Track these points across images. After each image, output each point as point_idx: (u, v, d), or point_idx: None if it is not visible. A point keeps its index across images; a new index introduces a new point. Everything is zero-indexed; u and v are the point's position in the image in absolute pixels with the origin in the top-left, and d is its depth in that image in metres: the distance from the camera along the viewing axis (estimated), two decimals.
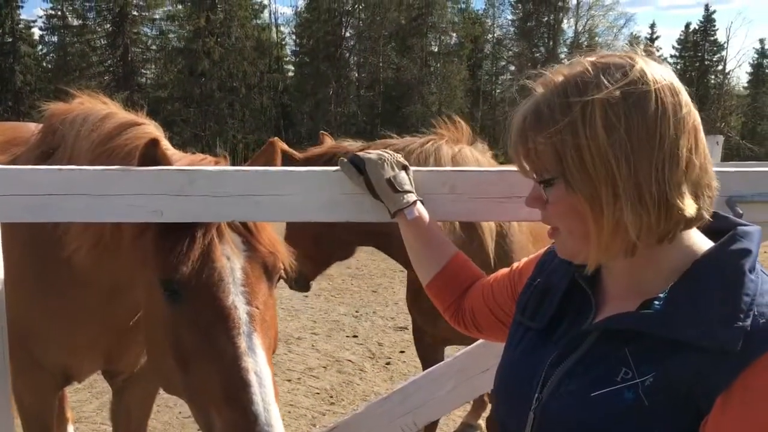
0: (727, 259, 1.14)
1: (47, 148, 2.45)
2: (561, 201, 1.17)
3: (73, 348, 2.74)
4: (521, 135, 1.20)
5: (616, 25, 59.28)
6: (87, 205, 1.71)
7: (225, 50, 49.08)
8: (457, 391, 1.90)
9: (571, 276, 1.34)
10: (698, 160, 1.14)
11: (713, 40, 68.30)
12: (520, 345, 1.35)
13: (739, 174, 1.74)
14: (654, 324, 1.12)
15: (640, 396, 1.08)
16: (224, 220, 1.76)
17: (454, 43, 56.36)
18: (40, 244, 2.42)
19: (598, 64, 1.17)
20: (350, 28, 54.87)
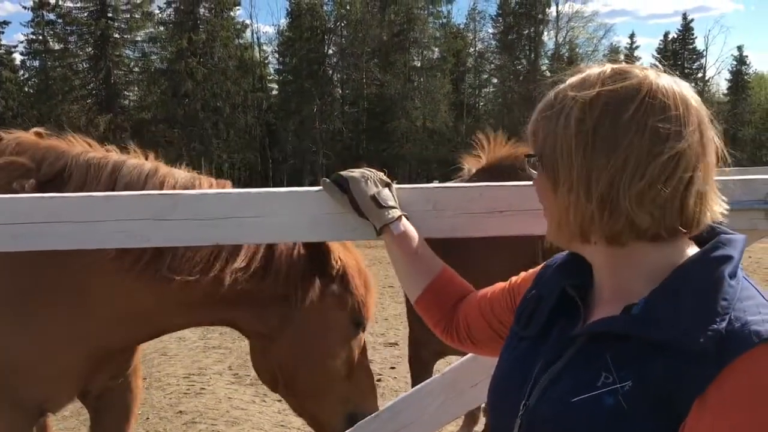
0: (708, 265, 1.16)
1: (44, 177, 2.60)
2: (537, 179, 1.31)
3: (56, 376, 2.73)
4: (533, 115, 1.34)
5: (596, 36, 59.97)
6: (71, 232, 1.71)
7: (208, 70, 49.17)
8: (447, 407, 1.90)
9: (563, 284, 1.36)
10: (675, 192, 1.16)
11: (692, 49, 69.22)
12: (513, 354, 1.36)
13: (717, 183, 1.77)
14: (634, 327, 1.13)
15: (619, 401, 1.08)
16: (208, 243, 1.76)
17: (437, 58, 56.73)
18: (32, 269, 2.49)
19: (615, 68, 1.25)
20: (333, 46, 55.16)
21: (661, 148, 1.14)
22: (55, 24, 50.31)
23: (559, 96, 1.27)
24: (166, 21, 52.18)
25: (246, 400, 6.31)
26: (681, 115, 1.18)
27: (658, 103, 1.16)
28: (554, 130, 1.23)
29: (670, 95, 1.18)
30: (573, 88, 1.24)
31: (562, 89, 1.28)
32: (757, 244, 2.44)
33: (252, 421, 5.80)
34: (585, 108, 1.19)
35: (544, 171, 1.26)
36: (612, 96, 1.18)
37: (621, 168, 1.15)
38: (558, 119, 1.23)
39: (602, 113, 1.18)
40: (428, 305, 1.75)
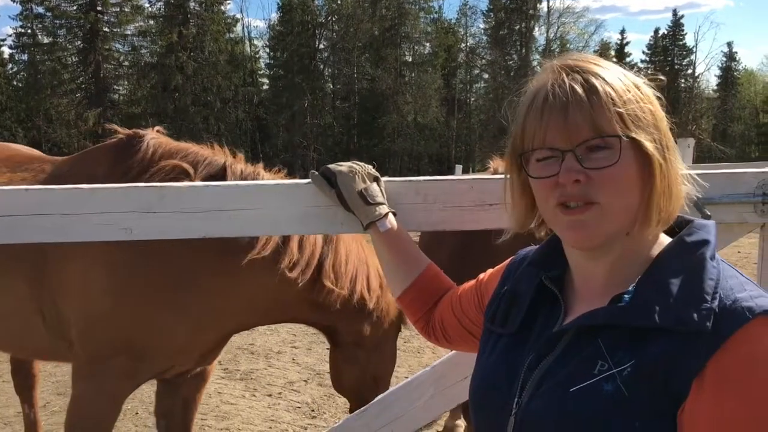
0: (689, 249, 1.18)
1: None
2: (618, 166, 1.17)
3: (189, 351, 3.08)
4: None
5: (587, 32, 60.07)
6: (55, 225, 1.69)
7: (198, 65, 48.95)
8: (436, 400, 1.89)
9: (539, 280, 1.35)
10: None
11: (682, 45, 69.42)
12: (493, 353, 1.35)
13: (705, 176, 1.76)
14: (626, 315, 1.13)
15: (619, 387, 1.09)
16: (195, 236, 1.75)
17: (428, 53, 56.70)
18: (193, 255, 2.81)
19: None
20: (324, 40, 55.00)
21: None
22: (44, 17, 49.89)
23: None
24: (156, 15, 51.82)
25: (236, 395, 6.29)
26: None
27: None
28: (651, 105, 1.23)
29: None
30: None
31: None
32: (745, 239, 2.45)
33: (242, 416, 5.78)
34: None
35: (638, 153, 1.18)
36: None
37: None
38: (644, 94, 1.23)
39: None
40: (411, 302, 1.75)
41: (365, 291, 3.17)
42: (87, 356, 2.98)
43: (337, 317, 3.14)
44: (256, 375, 6.86)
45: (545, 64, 1.29)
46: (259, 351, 7.61)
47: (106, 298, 2.86)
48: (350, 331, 3.22)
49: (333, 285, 3.03)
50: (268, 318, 3.32)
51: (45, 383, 6.10)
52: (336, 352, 3.34)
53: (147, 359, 2.96)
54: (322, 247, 3.02)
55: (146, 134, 3.12)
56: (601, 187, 1.16)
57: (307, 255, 2.95)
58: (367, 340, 3.24)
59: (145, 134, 3.12)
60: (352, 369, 3.29)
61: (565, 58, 1.27)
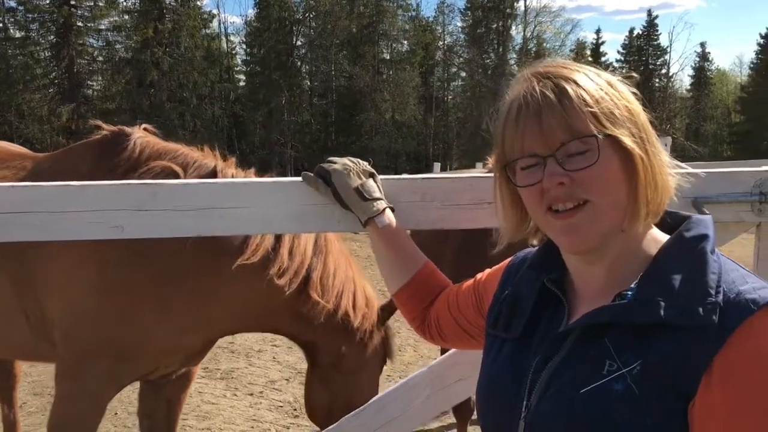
0: (689, 244, 1.18)
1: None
2: (600, 164, 1.18)
3: (172, 353, 3.03)
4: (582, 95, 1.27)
5: (563, 32, 60.48)
6: (43, 223, 1.64)
7: (174, 60, 48.39)
8: (433, 400, 1.87)
9: (541, 283, 1.34)
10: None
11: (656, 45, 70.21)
12: (498, 357, 1.33)
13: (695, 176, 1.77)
14: (630, 313, 1.13)
15: (630, 386, 1.08)
16: (188, 234, 1.71)
17: (406, 51, 56.68)
18: (179, 256, 2.74)
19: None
20: (301, 37, 54.69)
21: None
22: (16, 11, 48.87)
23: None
24: (131, 9, 51.07)
25: (217, 394, 6.23)
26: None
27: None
28: (626, 101, 1.24)
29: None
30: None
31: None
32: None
33: (223, 416, 5.72)
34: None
35: (617, 149, 1.19)
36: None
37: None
38: (618, 91, 1.25)
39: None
40: (407, 299, 1.74)
41: (350, 308, 3.14)
42: (70, 357, 2.92)
43: (319, 333, 3.10)
44: (236, 374, 6.80)
45: (518, 75, 1.31)
46: (239, 350, 7.54)
47: (91, 297, 2.80)
48: (330, 351, 3.16)
49: (319, 297, 3.00)
50: (252, 325, 3.27)
51: (21, 383, 5.97)
52: (312, 372, 3.27)
53: (131, 360, 2.91)
54: (311, 257, 2.99)
55: (133, 132, 3.05)
56: (587, 187, 1.18)
57: (296, 264, 2.92)
58: (346, 363, 3.17)
59: (132, 132, 3.06)
60: (326, 392, 3.20)
61: (537, 66, 1.29)
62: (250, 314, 3.03)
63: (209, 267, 2.81)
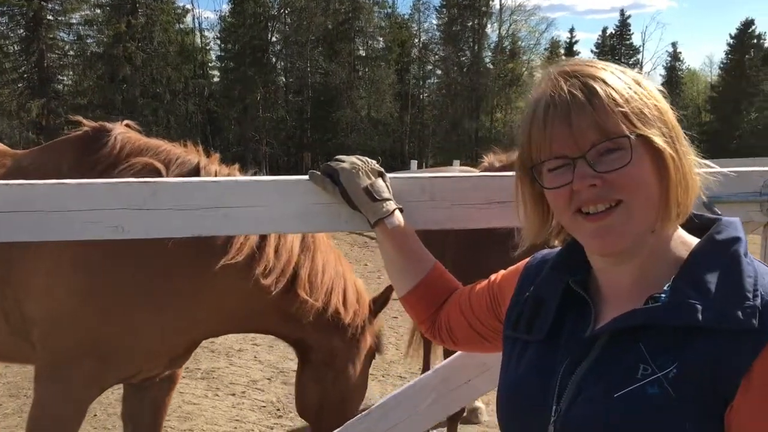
0: (721, 246, 1.17)
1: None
2: (634, 166, 1.16)
3: (157, 356, 2.95)
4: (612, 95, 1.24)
5: (538, 30, 60.91)
6: (38, 223, 1.57)
7: (147, 55, 47.81)
8: (439, 404, 1.84)
9: (565, 284, 1.31)
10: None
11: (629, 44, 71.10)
12: (522, 361, 1.30)
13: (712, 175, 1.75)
14: (665, 316, 1.10)
15: (666, 389, 1.06)
16: (190, 234, 1.65)
17: (382, 48, 56.64)
18: (167, 258, 2.65)
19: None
20: (276, 33, 54.36)
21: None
22: None
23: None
24: (103, 3, 50.33)
25: (198, 394, 6.13)
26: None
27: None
28: (655, 99, 1.22)
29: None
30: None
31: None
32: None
33: (205, 416, 5.64)
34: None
35: (648, 149, 1.16)
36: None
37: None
38: (646, 89, 1.22)
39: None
40: (416, 302, 1.69)
41: (340, 305, 3.08)
42: (51, 359, 2.83)
43: (309, 331, 3.04)
44: (218, 374, 6.71)
45: (542, 73, 1.28)
46: (219, 349, 7.44)
47: (70, 299, 2.71)
48: (321, 348, 3.10)
49: (307, 296, 2.94)
50: (238, 326, 3.20)
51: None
52: (303, 370, 3.21)
53: (114, 363, 2.83)
54: (298, 255, 2.92)
55: (114, 128, 2.96)
56: (619, 188, 1.15)
57: (282, 262, 2.84)
58: (337, 360, 3.13)
59: (113, 128, 2.96)
60: (318, 390, 3.15)
61: (561, 65, 1.26)
62: (235, 315, 2.96)
63: (192, 267, 2.73)
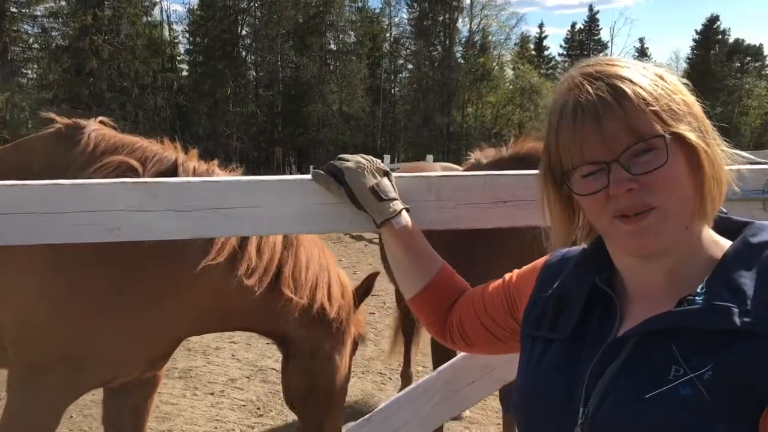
0: (756, 249, 1.15)
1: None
2: (670, 166, 1.13)
3: (131, 362, 2.85)
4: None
5: (508, 25, 61.18)
6: (31, 226, 1.51)
7: (114, 49, 46.99)
8: (443, 405, 1.81)
9: (591, 283, 1.29)
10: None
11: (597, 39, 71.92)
12: (544, 360, 1.27)
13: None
14: (701, 319, 1.09)
15: (700, 391, 1.04)
16: (190, 236, 1.60)
17: (353, 42, 56.46)
18: (139, 262, 2.58)
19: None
20: (246, 27, 53.83)
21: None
22: None
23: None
24: None
25: (176, 394, 6.04)
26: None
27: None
28: (681, 93, 1.20)
29: None
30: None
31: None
32: None
33: (184, 416, 5.56)
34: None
35: (682, 145, 1.14)
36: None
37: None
38: (671, 84, 1.20)
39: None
40: (424, 304, 1.66)
41: (326, 300, 3.05)
42: (23, 365, 2.73)
43: (294, 327, 3.00)
44: (195, 373, 6.62)
45: (564, 76, 1.25)
46: (196, 347, 7.34)
47: (41, 304, 2.62)
48: (307, 342, 3.07)
49: (292, 293, 2.89)
50: (220, 326, 3.16)
51: None
52: (290, 364, 3.17)
53: (89, 369, 2.73)
54: (281, 252, 2.86)
55: (87, 125, 2.85)
56: (657, 190, 1.13)
57: (265, 260, 2.78)
58: (323, 352, 3.11)
59: (87, 125, 2.85)
60: (303, 381, 3.13)
61: (583, 67, 1.23)
62: (218, 315, 2.89)
63: (171, 268, 2.66)
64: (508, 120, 57.00)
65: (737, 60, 70.18)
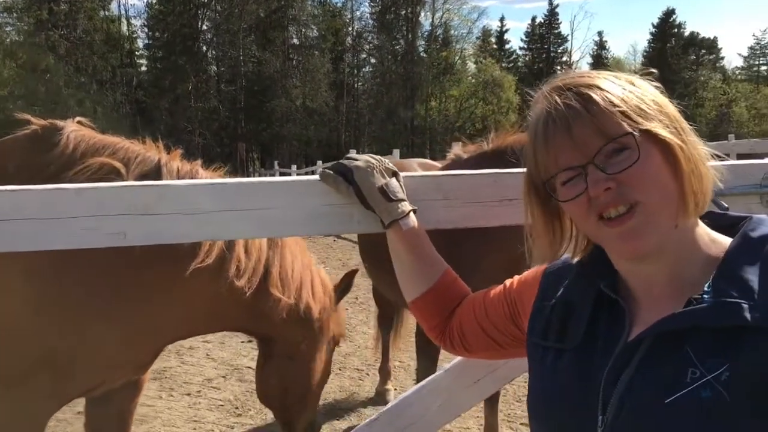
0: (757, 243, 1.16)
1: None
2: (644, 163, 1.15)
3: (120, 366, 2.80)
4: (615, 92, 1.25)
5: (470, 19, 61.52)
6: (32, 231, 1.46)
7: (72, 44, 46.00)
8: (450, 405, 1.80)
9: (596, 286, 1.29)
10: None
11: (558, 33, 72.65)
12: (557, 369, 1.27)
13: (713, 168, 1.78)
14: (711, 316, 1.09)
15: (719, 392, 1.04)
16: (197, 239, 1.57)
17: (315, 36, 56.16)
18: (128, 267, 2.52)
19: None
20: (207, 21, 53.13)
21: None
22: None
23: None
24: None
25: (152, 395, 5.94)
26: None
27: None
28: (652, 95, 1.22)
29: None
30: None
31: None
32: None
33: (162, 418, 5.48)
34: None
35: (655, 143, 1.16)
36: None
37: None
38: (641, 87, 1.23)
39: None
40: (426, 308, 1.65)
41: (311, 299, 3.05)
42: (5, 373, 2.65)
43: (279, 326, 2.99)
44: (170, 373, 6.53)
45: (536, 94, 1.29)
46: (169, 347, 7.17)
47: (25, 310, 2.54)
48: (288, 342, 3.07)
49: (280, 293, 2.87)
50: (207, 328, 3.12)
51: None
52: (267, 364, 3.16)
53: (73, 376, 2.67)
54: (267, 252, 2.84)
55: (66, 126, 2.76)
56: (635, 186, 1.14)
57: (253, 261, 2.76)
58: (302, 353, 3.11)
59: (65, 126, 2.76)
60: (281, 382, 3.13)
61: (553, 81, 1.26)
62: (207, 317, 2.86)
63: (160, 272, 2.60)
64: (471, 113, 57.40)
65: (693, 53, 71.73)
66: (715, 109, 67.56)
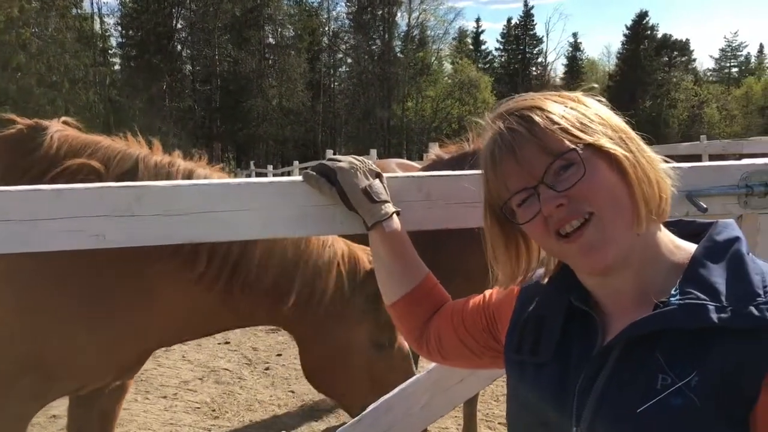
0: (723, 246, 1.17)
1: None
2: (594, 176, 1.17)
3: (103, 370, 2.75)
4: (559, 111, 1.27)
5: (446, 20, 61.72)
6: (11, 233, 1.43)
7: (43, 42, 45.27)
8: (433, 405, 1.80)
9: (567, 302, 1.29)
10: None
11: (533, 34, 73.11)
12: (535, 384, 1.27)
13: (693, 169, 1.80)
14: (678, 319, 1.10)
15: (690, 399, 1.05)
16: (179, 241, 1.55)
17: (292, 36, 55.94)
18: (114, 270, 2.50)
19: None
20: (182, 20, 52.66)
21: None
22: None
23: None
24: None
25: (128, 398, 5.79)
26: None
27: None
28: (595, 109, 1.25)
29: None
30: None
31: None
32: None
33: (137, 422, 5.41)
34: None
35: (601, 155, 1.18)
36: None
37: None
38: (583, 104, 1.26)
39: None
40: (406, 311, 1.64)
41: (305, 289, 2.83)
42: None
43: (280, 320, 2.90)
44: (145, 375, 6.45)
45: (483, 123, 1.32)
46: None
47: (6, 314, 2.51)
48: (296, 332, 2.94)
49: (250, 292, 2.72)
50: (194, 332, 3.00)
51: None
52: (300, 348, 3.00)
53: (56, 379, 2.63)
54: (243, 247, 2.75)
55: (50, 126, 2.73)
56: (585, 199, 1.17)
57: (231, 259, 2.67)
58: (313, 339, 2.91)
59: (49, 126, 2.73)
60: (307, 366, 2.97)
61: (498, 109, 1.30)
62: (189, 321, 2.79)
63: (141, 276, 2.57)
64: (448, 114, 57.57)
65: (665, 54, 72.62)
66: (687, 111, 68.53)
